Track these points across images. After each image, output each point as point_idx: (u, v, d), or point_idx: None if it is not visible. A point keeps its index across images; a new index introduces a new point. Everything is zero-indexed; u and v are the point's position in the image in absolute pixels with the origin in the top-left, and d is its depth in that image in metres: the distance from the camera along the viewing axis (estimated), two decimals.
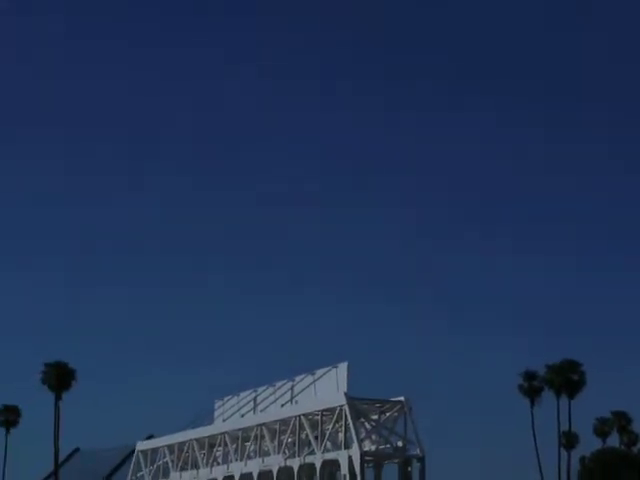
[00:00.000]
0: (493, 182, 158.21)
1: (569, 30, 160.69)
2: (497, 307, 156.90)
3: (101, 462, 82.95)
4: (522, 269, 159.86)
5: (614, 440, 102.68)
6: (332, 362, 53.78)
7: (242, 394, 62.12)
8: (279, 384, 57.76)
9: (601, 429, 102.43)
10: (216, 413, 64.58)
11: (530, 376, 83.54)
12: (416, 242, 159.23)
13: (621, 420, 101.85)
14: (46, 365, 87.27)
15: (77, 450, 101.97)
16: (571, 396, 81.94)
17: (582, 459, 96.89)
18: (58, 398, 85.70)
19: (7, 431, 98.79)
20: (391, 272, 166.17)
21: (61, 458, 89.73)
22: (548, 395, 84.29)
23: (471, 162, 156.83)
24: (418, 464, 46.39)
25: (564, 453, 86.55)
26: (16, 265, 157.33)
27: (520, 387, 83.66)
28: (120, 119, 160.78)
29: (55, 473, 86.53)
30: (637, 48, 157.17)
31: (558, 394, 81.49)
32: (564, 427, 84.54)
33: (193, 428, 63.36)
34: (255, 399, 59.81)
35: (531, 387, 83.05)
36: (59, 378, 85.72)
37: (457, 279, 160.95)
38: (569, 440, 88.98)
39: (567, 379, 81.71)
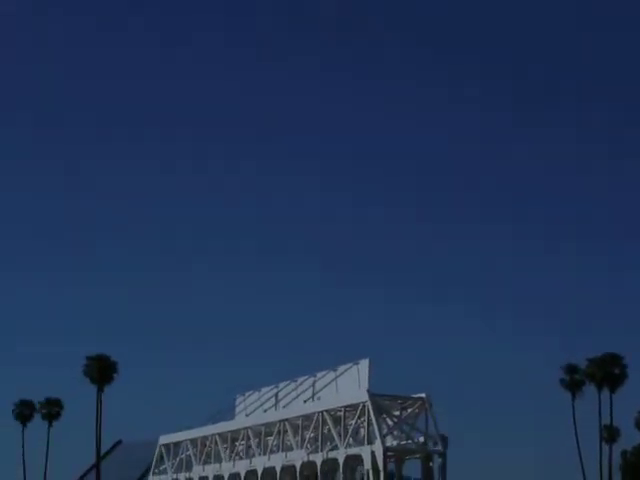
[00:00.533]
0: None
1: None
2: (533, 300, 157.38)
3: (143, 454, 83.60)
4: (557, 263, 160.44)
5: None
6: (353, 358, 54.94)
7: (263, 389, 63.23)
8: (301, 380, 58.82)
9: None
10: (237, 408, 65.79)
11: (572, 369, 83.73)
12: (445, 238, 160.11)
13: None
14: (88, 358, 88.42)
15: (119, 442, 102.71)
16: (612, 390, 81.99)
17: (624, 453, 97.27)
18: (100, 391, 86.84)
19: (49, 424, 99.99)
20: (419, 268, 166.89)
21: (103, 450, 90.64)
22: (589, 389, 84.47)
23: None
24: (439, 459, 47.39)
25: (605, 447, 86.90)
26: (59, 258, 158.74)
27: (562, 381, 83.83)
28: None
29: (97, 465, 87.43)
30: None
31: (599, 388, 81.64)
32: (605, 421, 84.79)
33: (214, 423, 64.51)
34: (277, 395, 60.88)
35: (572, 381, 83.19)
36: (101, 371, 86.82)
37: (488, 274, 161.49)
38: (610, 434, 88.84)
39: (608, 372, 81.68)
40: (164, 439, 70.18)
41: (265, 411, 59.52)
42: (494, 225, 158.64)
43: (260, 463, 56.72)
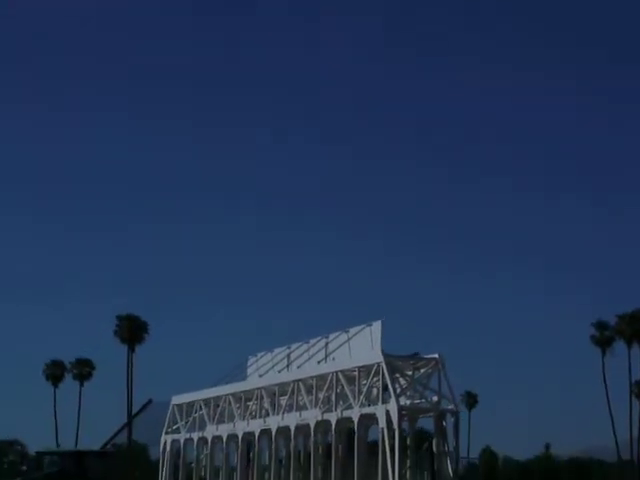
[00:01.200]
0: None
1: None
2: (565, 257, 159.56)
3: None
4: (590, 219, 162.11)
5: None
6: (365, 319, 56.11)
7: (276, 350, 64.41)
8: (313, 341, 59.95)
9: None
10: (249, 369, 66.98)
11: (602, 326, 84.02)
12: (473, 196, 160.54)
13: None
14: (118, 318, 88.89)
15: (150, 402, 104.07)
16: None
17: None
18: (131, 351, 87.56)
19: (81, 384, 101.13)
20: (431, 227, 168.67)
21: (134, 410, 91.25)
22: (619, 345, 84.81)
23: None
24: (452, 418, 48.66)
25: (635, 403, 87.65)
26: (95, 225, 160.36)
27: (592, 337, 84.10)
28: None
29: (129, 424, 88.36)
30: None
31: (629, 344, 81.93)
32: (636, 377, 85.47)
33: (226, 384, 65.68)
34: (289, 356, 62.06)
35: (603, 337, 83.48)
36: (131, 331, 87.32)
37: (518, 230, 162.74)
38: None
39: (638, 329, 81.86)
40: (176, 399, 71.42)
41: (279, 372, 60.69)
42: (527, 179, 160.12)
43: (274, 422, 57.96)
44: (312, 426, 53.91)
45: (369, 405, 50.44)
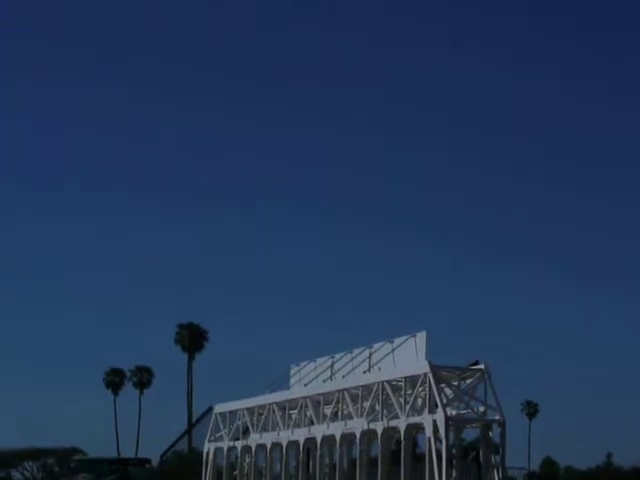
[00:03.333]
0: None
1: None
2: (628, 268, 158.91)
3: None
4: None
5: None
6: (409, 329, 56.82)
7: (319, 360, 65.08)
8: (357, 351, 60.64)
9: None
10: (292, 379, 67.71)
11: None
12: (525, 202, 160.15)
13: None
14: (179, 326, 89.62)
15: (210, 409, 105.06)
16: None
17: None
18: (191, 359, 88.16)
19: (141, 392, 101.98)
20: (480, 231, 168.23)
21: (194, 418, 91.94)
22: None
23: None
24: (499, 429, 49.20)
25: None
26: (149, 225, 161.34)
27: None
28: None
29: (189, 432, 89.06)
30: None
31: None
32: None
33: (270, 392, 66.42)
34: (332, 365, 62.76)
35: None
36: (192, 339, 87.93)
37: (587, 235, 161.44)
38: None
39: None
40: (219, 408, 72.22)
41: (323, 381, 61.37)
42: (557, 189, 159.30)
43: (319, 431, 58.61)
44: (358, 435, 54.55)
45: (415, 415, 51.03)
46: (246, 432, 68.52)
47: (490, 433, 49.38)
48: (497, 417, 49.15)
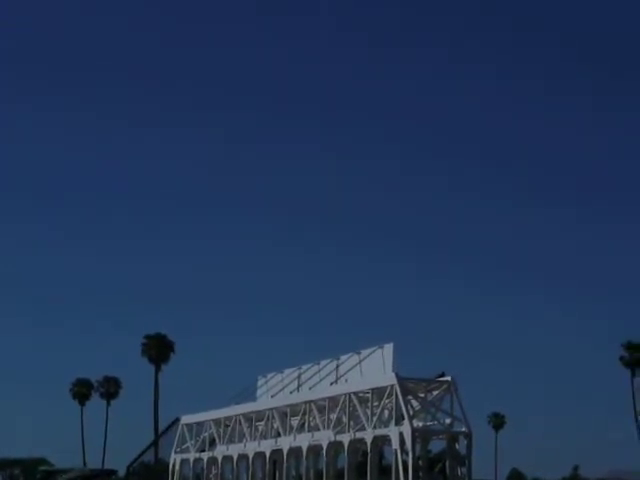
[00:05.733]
0: None
1: None
2: (595, 278, 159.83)
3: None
4: (619, 243, 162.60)
5: None
6: (376, 341, 56.80)
7: (286, 371, 64.97)
8: (324, 362, 60.56)
9: None
10: (259, 390, 67.53)
11: (632, 347, 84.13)
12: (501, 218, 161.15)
13: None
14: (146, 337, 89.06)
15: (177, 420, 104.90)
16: None
17: None
18: (158, 370, 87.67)
19: (108, 403, 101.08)
20: (447, 245, 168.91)
21: (161, 428, 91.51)
22: None
23: None
24: (465, 440, 49.20)
25: None
26: (125, 243, 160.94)
27: (621, 358, 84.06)
28: None
29: (155, 443, 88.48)
30: None
31: None
32: None
33: (236, 404, 66.20)
34: (299, 377, 62.63)
35: (632, 358, 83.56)
36: (159, 350, 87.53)
37: (550, 247, 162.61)
38: None
39: None
40: (186, 419, 71.93)
41: (290, 393, 61.23)
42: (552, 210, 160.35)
43: (286, 443, 58.46)
44: (324, 447, 54.42)
45: (382, 427, 50.97)
46: (212, 443, 68.26)
47: (456, 445, 49.37)
48: (463, 429, 49.16)
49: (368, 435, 51.03)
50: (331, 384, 57.26)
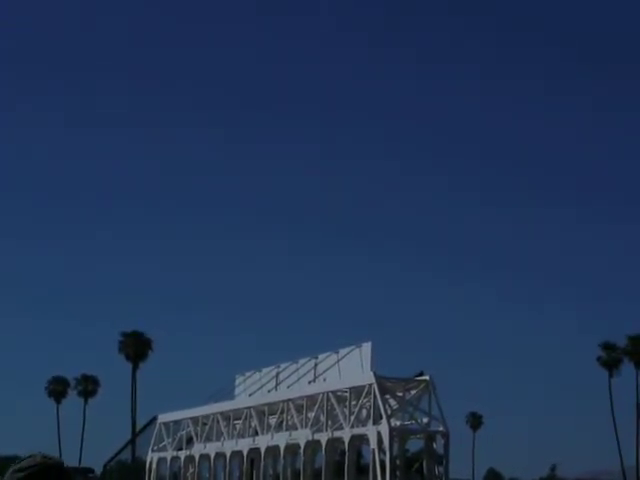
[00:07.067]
0: None
1: None
2: (574, 278, 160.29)
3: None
4: (600, 242, 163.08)
5: None
6: (354, 340, 56.80)
7: (264, 370, 64.83)
8: (302, 361, 60.47)
9: None
10: (237, 389, 67.34)
11: (609, 347, 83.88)
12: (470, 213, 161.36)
13: None
14: (123, 334, 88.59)
15: (154, 419, 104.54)
16: None
17: None
18: (135, 367, 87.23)
19: (85, 401, 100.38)
20: (429, 242, 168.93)
21: (138, 427, 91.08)
22: (626, 367, 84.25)
23: None
24: (443, 440, 49.24)
25: None
26: (101, 239, 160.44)
27: (599, 358, 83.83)
28: None
29: (133, 441, 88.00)
30: None
31: (638, 366, 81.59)
32: None
33: (215, 402, 66.00)
34: (277, 375, 62.52)
35: (610, 359, 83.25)
36: (136, 348, 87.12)
37: (526, 243, 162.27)
38: None
39: None
40: (163, 418, 71.68)
41: (268, 391, 61.12)
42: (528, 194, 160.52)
43: (263, 441, 58.33)
44: (302, 446, 54.33)
45: (359, 426, 50.93)
46: (190, 442, 68.05)
47: (434, 444, 49.39)
48: (441, 428, 49.18)
49: (346, 434, 50.97)
50: (309, 383, 57.19)
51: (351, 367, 55.18)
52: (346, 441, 50.95)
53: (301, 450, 54.65)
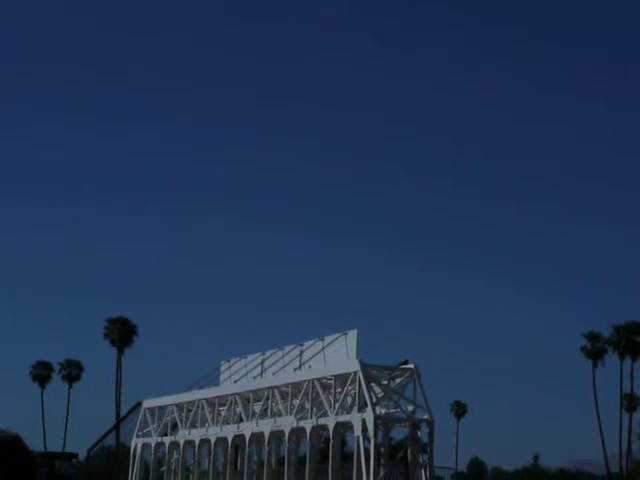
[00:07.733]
0: None
1: None
2: (557, 267, 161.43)
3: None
4: (584, 233, 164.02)
5: None
6: (340, 327, 56.82)
7: (249, 357, 64.79)
8: (288, 348, 60.46)
9: None
10: (222, 375, 67.28)
11: (593, 337, 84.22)
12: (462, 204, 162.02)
13: None
14: (108, 320, 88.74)
15: (139, 404, 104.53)
16: (634, 358, 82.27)
17: None
18: (120, 353, 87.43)
19: (70, 386, 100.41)
20: (417, 233, 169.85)
21: (123, 412, 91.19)
22: (610, 357, 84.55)
23: None
24: (427, 428, 49.30)
25: (625, 415, 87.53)
26: (84, 223, 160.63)
27: (583, 348, 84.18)
28: None
29: (117, 427, 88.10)
30: None
31: (622, 356, 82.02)
32: (626, 389, 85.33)
33: (199, 388, 66.01)
34: (263, 362, 62.49)
35: (594, 349, 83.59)
36: (121, 333, 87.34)
37: (513, 235, 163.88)
38: (631, 402, 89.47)
39: (631, 341, 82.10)
40: (148, 403, 71.61)
41: (254, 378, 61.11)
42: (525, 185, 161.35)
43: (248, 428, 58.34)
44: (287, 433, 54.36)
45: (344, 413, 50.96)
46: (174, 428, 68.01)
47: (418, 432, 49.41)
48: (425, 416, 49.22)
49: (330, 421, 50.99)
50: (295, 370, 57.18)
51: (337, 355, 55.18)
52: (331, 428, 50.95)
53: (286, 437, 54.67)
